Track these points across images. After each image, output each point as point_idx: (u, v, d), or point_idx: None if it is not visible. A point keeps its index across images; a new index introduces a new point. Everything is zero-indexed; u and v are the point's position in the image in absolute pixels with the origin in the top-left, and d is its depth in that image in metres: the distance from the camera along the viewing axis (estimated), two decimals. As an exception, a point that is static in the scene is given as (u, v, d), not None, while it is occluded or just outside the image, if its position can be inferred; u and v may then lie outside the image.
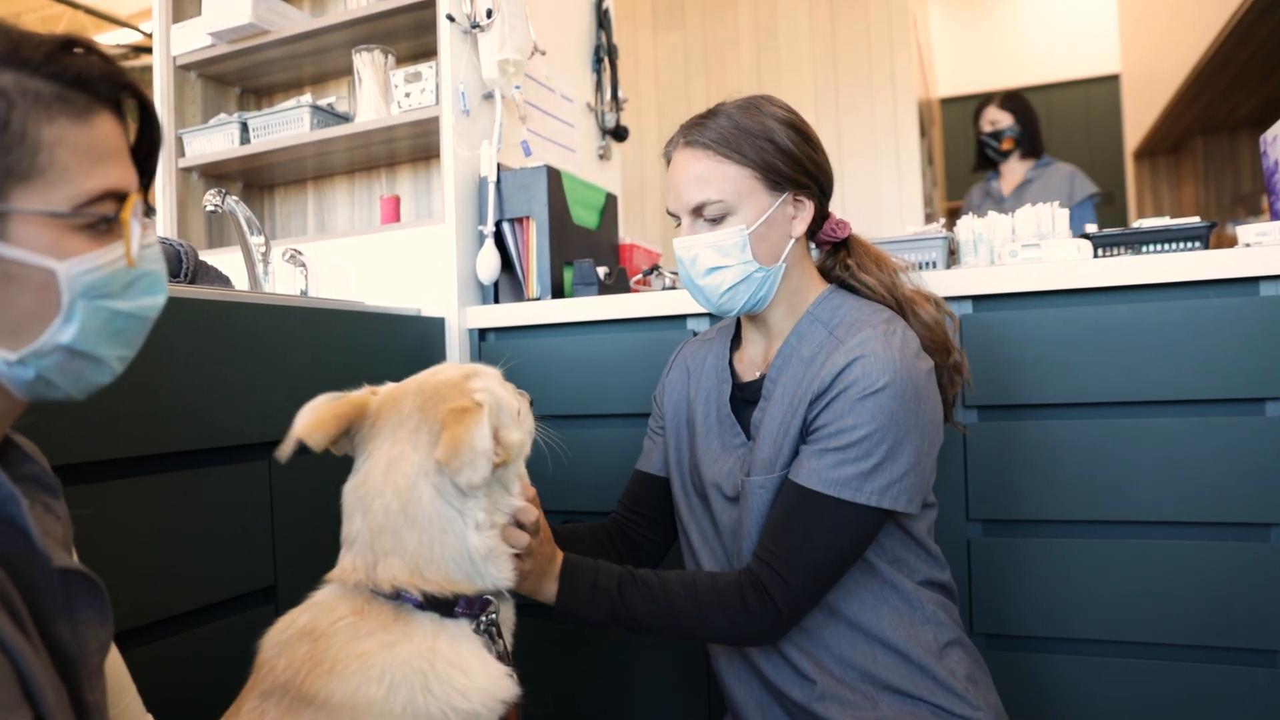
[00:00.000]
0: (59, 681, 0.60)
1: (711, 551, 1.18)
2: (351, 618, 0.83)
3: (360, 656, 0.80)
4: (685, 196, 1.09)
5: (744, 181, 1.07)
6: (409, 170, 2.27)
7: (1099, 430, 1.32)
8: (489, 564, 0.88)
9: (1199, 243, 1.42)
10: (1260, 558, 1.24)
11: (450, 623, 0.86)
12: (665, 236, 4.45)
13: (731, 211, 1.07)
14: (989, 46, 7.79)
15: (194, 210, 2.27)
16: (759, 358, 1.18)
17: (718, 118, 1.10)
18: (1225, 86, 5.26)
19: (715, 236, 1.08)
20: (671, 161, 1.13)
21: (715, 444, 1.17)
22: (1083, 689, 1.34)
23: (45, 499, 0.68)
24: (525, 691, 0.89)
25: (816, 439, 1.02)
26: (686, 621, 1.02)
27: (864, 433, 0.99)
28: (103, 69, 0.62)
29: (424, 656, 0.82)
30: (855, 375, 1.00)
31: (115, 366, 0.66)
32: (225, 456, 1.26)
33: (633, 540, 1.28)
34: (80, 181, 0.60)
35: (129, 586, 1.09)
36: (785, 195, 1.09)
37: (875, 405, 0.99)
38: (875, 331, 1.03)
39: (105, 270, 0.62)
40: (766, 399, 1.11)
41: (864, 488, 0.99)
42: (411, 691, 0.79)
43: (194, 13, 2.26)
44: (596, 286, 1.80)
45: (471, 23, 1.89)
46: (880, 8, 4.07)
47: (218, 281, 1.54)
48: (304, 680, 0.79)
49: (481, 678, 0.84)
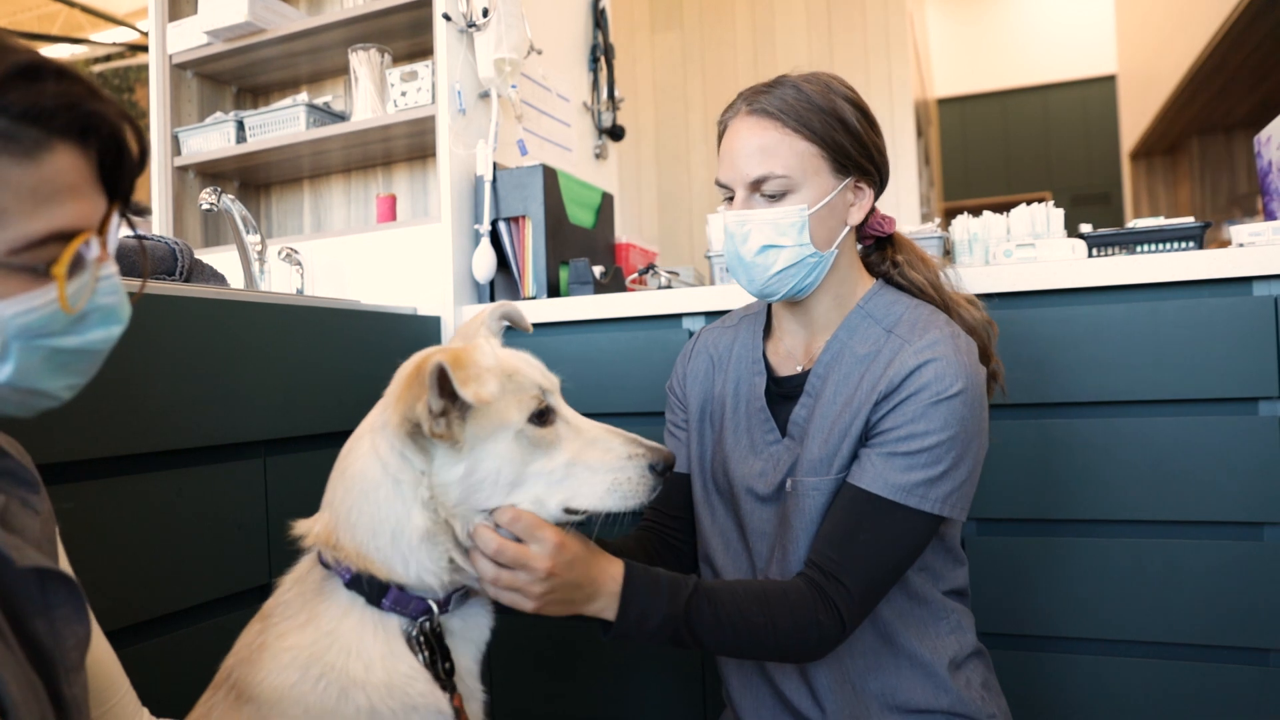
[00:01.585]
0: (35, 678, 0.60)
1: (733, 556, 1.11)
2: (291, 593, 0.82)
3: (280, 638, 0.78)
4: (745, 168, 1.01)
5: (810, 159, 1.01)
6: (405, 169, 2.27)
7: (1093, 430, 1.32)
8: (419, 553, 0.78)
9: (1193, 243, 1.43)
10: (1253, 556, 1.25)
11: (373, 614, 0.79)
12: (661, 236, 4.46)
13: (793, 190, 1.00)
14: (986, 47, 7.81)
15: (190, 209, 2.27)
16: (798, 350, 1.11)
17: (784, 88, 1.02)
18: (1221, 88, 5.27)
19: (774, 214, 1.01)
20: (729, 130, 1.05)
21: (745, 441, 1.11)
22: (1078, 687, 1.34)
23: (22, 494, 0.67)
24: (518, 691, 0.87)
25: (882, 442, 0.97)
26: (758, 640, 0.93)
27: (935, 439, 0.94)
28: (60, 99, 0.57)
29: (323, 641, 0.77)
30: (928, 378, 0.95)
31: (64, 395, 0.63)
32: (221, 455, 1.26)
33: (673, 546, 1.19)
34: (20, 225, 0.56)
35: (124, 584, 1.09)
36: (848, 180, 1.04)
37: (949, 411, 0.95)
38: (943, 334, 0.99)
39: (41, 312, 0.58)
40: (813, 396, 1.05)
41: (929, 494, 0.94)
42: (314, 680, 0.75)
43: (190, 11, 2.25)
44: (592, 285, 1.80)
45: (468, 22, 1.89)
46: (877, 8, 4.08)
47: (213, 280, 1.54)
48: (240, 668, 0.78)
49: (380, 672, 0.76)
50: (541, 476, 0.81)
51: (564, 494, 0.82)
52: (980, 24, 7.80)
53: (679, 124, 4.49)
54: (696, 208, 4.40)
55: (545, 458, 0.81)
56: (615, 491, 0.82)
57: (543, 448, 0.82)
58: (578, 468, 0.82)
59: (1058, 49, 7.57)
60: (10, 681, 0.56)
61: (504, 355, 0.85)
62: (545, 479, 0.81)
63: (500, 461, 0.79)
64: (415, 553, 0.78)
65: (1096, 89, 7.49)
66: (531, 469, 0.81)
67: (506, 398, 0.80)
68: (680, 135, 4.48)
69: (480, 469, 0.79)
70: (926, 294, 1.10)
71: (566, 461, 0.82)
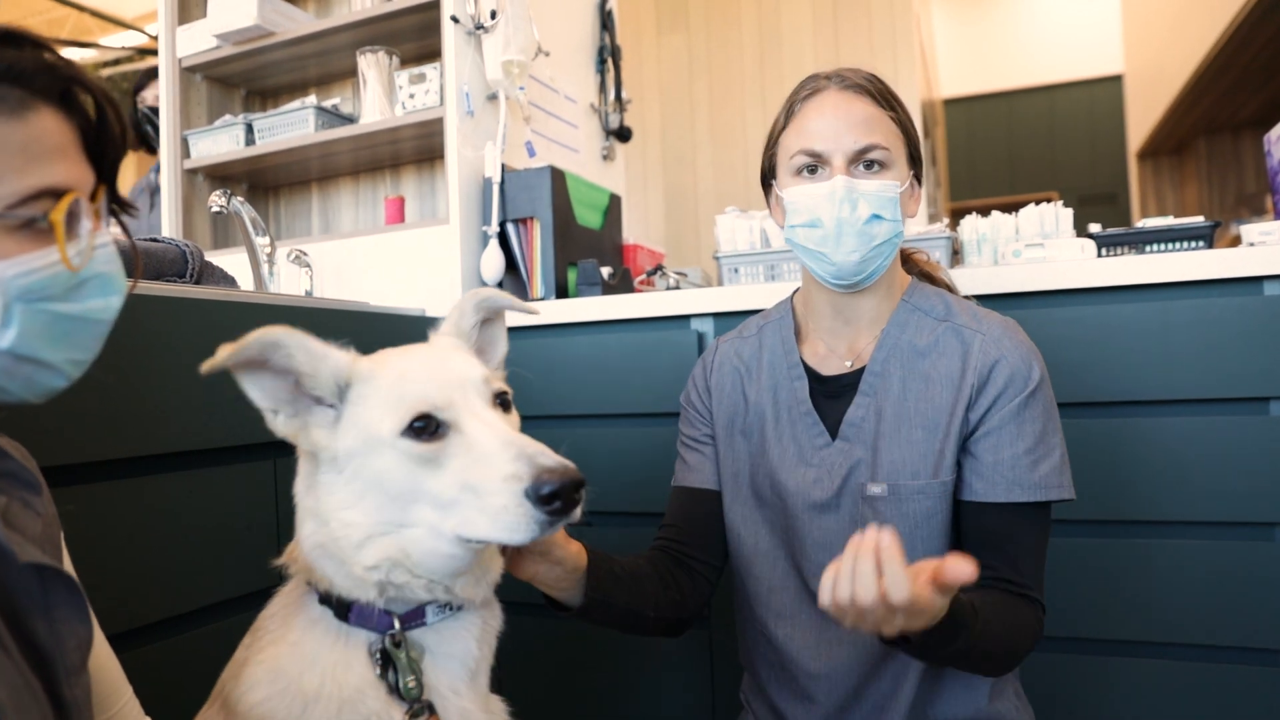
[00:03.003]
0: (33, 679, 0.59)
1: (779, 572, 1.07)
2: (276, 607, 0.82)
3: (259, 653, 0.77)
4: (851, 135, 0.99)
5: (896, 140, 1.02)
6: (413, 171, 2.27)
7: (1103, 430, 1.32)
8: (326, 565, 0.75)
9: (1203, 242, 1.42)
10: (1265, 557, 1.24)
11: (338, 627, 0.77)
12: (669, 237, 4.45)
13: (889, 165, 1.01)
14: (992, 47, 7.79)
15: (199, 211, 2.28)
16: (841, 348, 1.08)
17: (859, 75, 1.04)
18: (1228, 87, 5.25)
19: (879, 185, 0.99)
20: (817, 102, 1.02)
21: (792, 448, 1.06)
22: (1086, 688, 1.34)
23: (23, 495, 0.66)
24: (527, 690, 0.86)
25: (999, 444, 0.97)
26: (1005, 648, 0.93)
27: (1041, 426, 0.97)
28: (40, 62, 0.59)
29: (287, 654, 0.76)
30: (1014, 368, 0.98)
31: (68, 370, 0.64)
32: (230, 456, 1.26)
33: (690, 567, 1.12)
34: (12, 181, 0.57)
35: (133, 586, 1.09)
36: (912, 172, 1.05)
37: (1043, 398, 0.98)
38: (1004, 323, 1.02)
39: (43, 273, 0.59)
40: (872, 395, 1.03)
41: (1062, 481, 0.97)
42: (279, 694, 0.73)
43: (199, 15, 2.26)
44: (600, 287, 1.80)
45: (476, 24, 1.90)
46: (883, 9, 4.08)
47: (223, 282, 1.55)
48: (228, 685, 0.78)
49: (331, 686, 0.74)
50: (431, 497, 0.71)
51: (455, 520, 0.71)
52: (986, 24, 7.78)
53: (686, 125, 4.49)
54: (704, 209, 4.39)
55: (434, 477, 0.71)
56: (498, 521, 0.69)
57: (430, 465, 0.71)
58: (465, 491, 0.70)
59: (1064, 49, 7.55)
60: (3, 685, 0.55)
61: (415, 357, 0.77)
62: (434, 501, 0.71)
63: (379, 475, 0.72)
64: (325, 567, 0.75)
65: (1103, 89, 7.47)
66: (424, 488, 0.71)
67: (385, 405, 0.72)
68: (687, 136, 4.48)
69: (359, 480, 0.73)
70: (946, 287, 1.14)
71: (452, 482, 0.71)
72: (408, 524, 0.72)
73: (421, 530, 0.72)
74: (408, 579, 0.74)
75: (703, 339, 1.58)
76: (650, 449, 1.60)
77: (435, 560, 0.73)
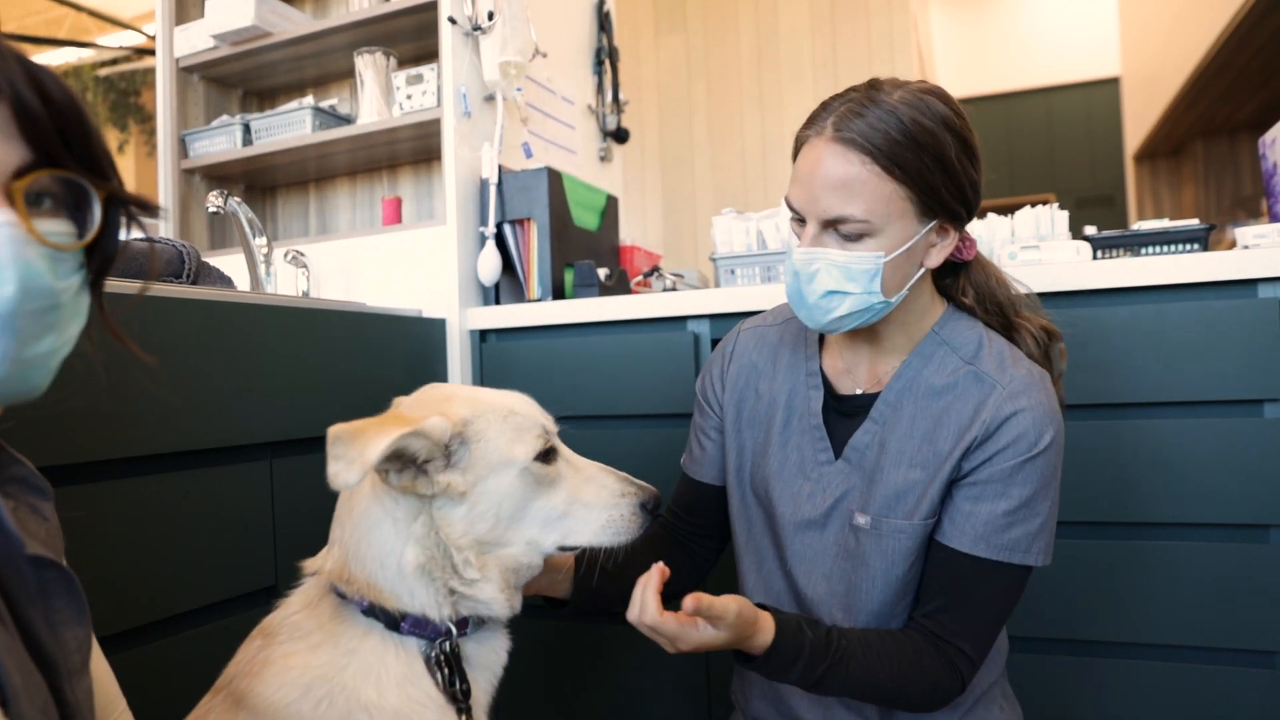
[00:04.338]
0: (33, 668, 0.59)
1: (765, 577, 1.08)
2: (300, 614, 0.83)
3: (286, 657, 0.78)
4: (822, 204, 0.91)
5: (895, 202, 0.90)
6: (410, 172, 2.27)
7: (1098, 432, 1.32)
8: (417, 586, 0.81)
9: (1198, 245, 1.43)
10: (1259, 559, 1.25)
11: (393, 637, 0.81)
12: (666, 238, 4.46)
13: (872, 235, 0.91)
14: (989, 50, 7.80)
15: (196, 212, 2.27)
16: (860, 371, 1.04)
17: (880, 108, 0.89)
18: (1225, 90, 5.27)
19: (846, 258, 0.92)
20: (809, 150, 0.93)
21: (794, 458, 1.04)
22: (1082, 690, 1.34)
23: (32, 500, 0.66)
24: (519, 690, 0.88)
25: (980, 496, 0.93)
26: (882, 698, 0.95)
27: (1031, 491, 0.92)
28: None
29: (338, 663, 0.78)
30: (1022, 429, 0.92)
31: None
32: (227, 456, 1.26)
33: (686, 548, 1.18)
34: None
35: (131, 586, 1.09)
36: (934, 223, 0.94)
37: (1044, 464, 0.93)
38: (1030, 376, 0.95)
39: None
40: (880, 424, 1.00)
41: (1032, 548, 0.93)
42: (317, 699, 0.76)
43: (197, 15, 2.26)
44: (597, 288, 1.80)
45: (473, 25, 1.90)
46: (881, 11, 4.08)
47: (220, 282, 1.55)
48: (241, 679, 0.79)
49: (394, 697, 0.77)
50: (541, 513, 0.86)
51: (561, 531, 0.87)
52: (983, 26, 7.80)
53: (683, 126, 4.49)
54: (701, 210, 4.40)
55: (546, 495, 0.86)
56: (609, 528, 0.89)
57: (545, 485, 0.86)
58: (576, 505, 0.88)
59: (1061, 51, 7.56)
60: (12, 670, 0.55)
61: (500, 396, 0.89)
62: (544, 516, 0.86)
63: (501, 498, 0.83)
64: (415, 585, 0.81)
65: (1100, 91, 7.48)
66: (533, 506, 0.85)
67: (508, 435, 0.84)
68: (684, 138, 4.49)
69: (481, 504, 0.82)
70: (994, 321, 1.04)
71: (565, 499, 0.87)
72: (506, 544, 0.85)
73: (516, 548, 0.85)
74: (493, 594, 0.84)
75: (699, 340, 1.58)
76: (647, 450, 1.60)
77: (521, 574, 0.87)
